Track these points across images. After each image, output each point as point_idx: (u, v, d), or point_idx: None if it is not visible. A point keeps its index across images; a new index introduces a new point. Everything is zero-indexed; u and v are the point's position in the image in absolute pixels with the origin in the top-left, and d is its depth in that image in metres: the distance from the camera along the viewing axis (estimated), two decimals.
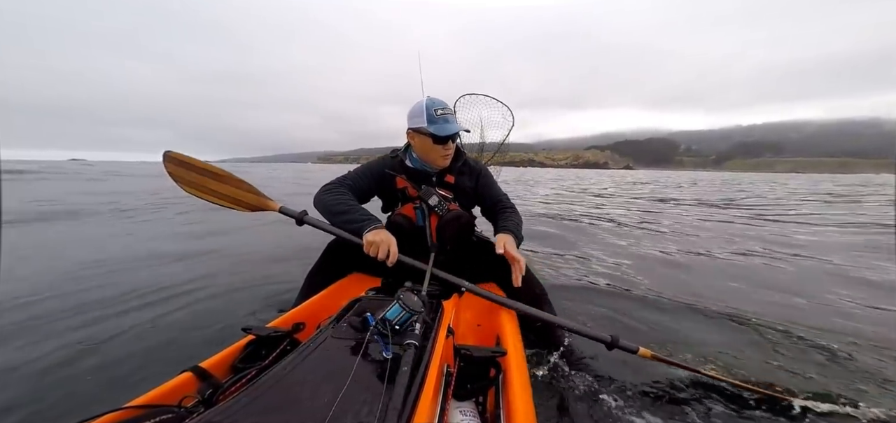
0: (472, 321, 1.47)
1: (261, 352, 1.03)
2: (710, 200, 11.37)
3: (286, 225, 1.88)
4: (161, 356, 1.61)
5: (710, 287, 2.84)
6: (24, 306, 2.07)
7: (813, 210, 8.53)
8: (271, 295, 2.28)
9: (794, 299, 2.60)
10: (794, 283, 3.01)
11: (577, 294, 2.58)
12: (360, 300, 1.16)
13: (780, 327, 2.07)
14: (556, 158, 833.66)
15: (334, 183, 1.60)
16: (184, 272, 2.76)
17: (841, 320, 2.23)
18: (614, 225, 6.00)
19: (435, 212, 1.59)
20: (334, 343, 0.91)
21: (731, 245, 4.47)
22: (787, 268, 3.50)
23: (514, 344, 1.16)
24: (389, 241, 1.35)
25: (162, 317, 1.97)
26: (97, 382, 1.42)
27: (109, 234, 4.29)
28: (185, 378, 0.87)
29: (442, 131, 1.52)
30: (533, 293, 1.57)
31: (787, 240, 4.88)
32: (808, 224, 6.36)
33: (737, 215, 7.55)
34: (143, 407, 0.73)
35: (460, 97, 2.76)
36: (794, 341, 1.92)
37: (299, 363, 0.81)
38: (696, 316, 2.25)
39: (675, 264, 3.58)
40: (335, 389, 0.71)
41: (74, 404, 1.29)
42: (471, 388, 0.99)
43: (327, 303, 1.45)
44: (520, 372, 1.01)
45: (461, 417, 0.89)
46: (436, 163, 1.62)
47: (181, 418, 0.71)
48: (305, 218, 1.56)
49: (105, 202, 7.23)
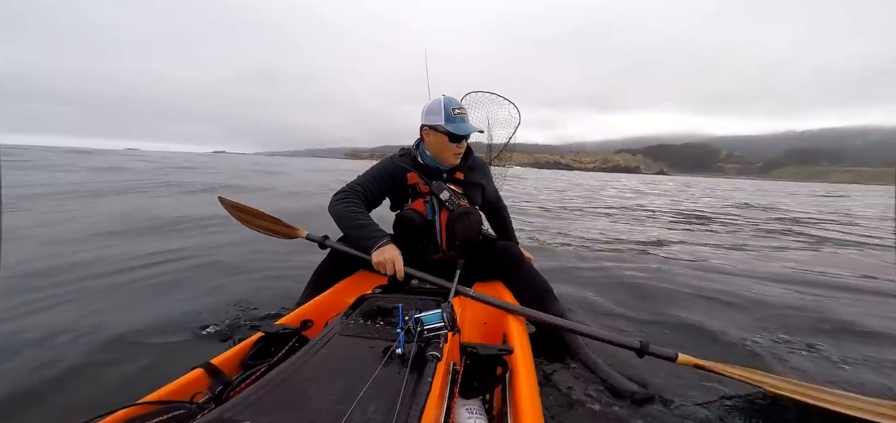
0: (479, 319, 1.47)
1: (270, 349, 1.05)
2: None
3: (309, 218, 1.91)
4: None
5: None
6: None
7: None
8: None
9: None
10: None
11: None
12: (367, 298, 1.17)
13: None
14: (583, 161, 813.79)
15: (346, 191, 1.62)
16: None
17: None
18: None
19: (445, 207, 1.61)
20: (342, 341, 0.92)
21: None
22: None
23: (520, 342, 1.16)
24: (395, 257, 1.40)
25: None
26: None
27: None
28: (197, 375, 0.88)
29: (459, 130, 1.56)
30: (537, 290, 1.57)
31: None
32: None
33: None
34: (157, 403, 0.75)
35: (466, 94, 2.75)
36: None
37: (308, 360, 0.82)
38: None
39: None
40: (343, 386, 0.72)
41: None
42: (477, 386, 1.00)
43: (334, 300, 1.46)
44: (527, 370, 1.01)
45: (467, 414, 0.89)
46: (448, 160, 1.65)
47: (193, 414, 0.73)
48: (326, 242, 1.69)
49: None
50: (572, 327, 1.41)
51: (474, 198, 1.74)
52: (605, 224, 6.34)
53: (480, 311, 1.48)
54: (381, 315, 1.07)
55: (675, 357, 1.23)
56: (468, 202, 1.69)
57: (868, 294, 2.77)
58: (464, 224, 1.60)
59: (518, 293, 1.57)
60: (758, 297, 2.55)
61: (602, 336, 1.36)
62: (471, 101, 2.76)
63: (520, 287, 1.59)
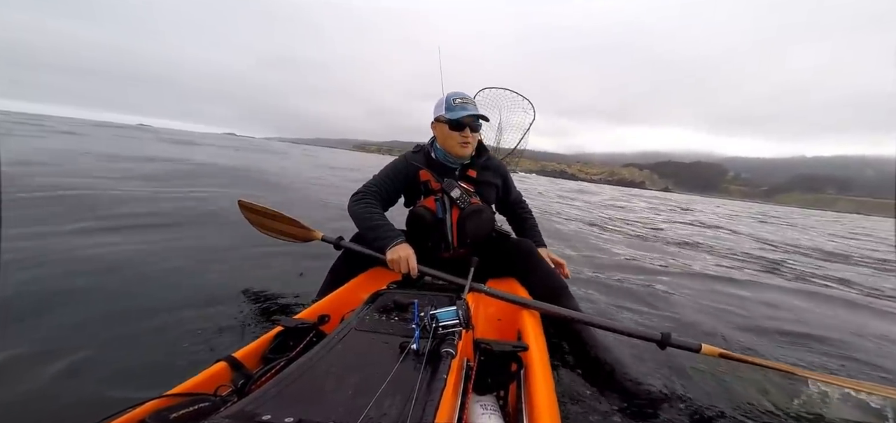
0: (493, 316, 1.47)
1: (289, 343, 1.08)
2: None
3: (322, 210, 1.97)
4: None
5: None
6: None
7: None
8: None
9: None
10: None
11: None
12: (382, 294, 1.19)
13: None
14: (589, 172, 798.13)
15: (363, 192, 1.66)
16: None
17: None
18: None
19: (456, 205, 1.61)
20: (358, 336, 0.94)
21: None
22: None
23: (536, 340, 1.15)
24: (409, 255, 1.44)
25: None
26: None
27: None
28: (220, 368, 0.91)
29: (455, 116, 1.59)
30: (552, 288, 1.55)
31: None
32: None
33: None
34: (183, 395, 0.78)
35: (480, 90, 2.74)
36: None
37: (325, 354, 0.84)
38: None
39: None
40: (360, 380, 0.74)
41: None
42: (491, 382, 1.00)
43: (350, 296, 1.49)
44: (542, 367, 1.00)
45: (481, 411, 0.90)
46: (454, 150, 1.65)
47: (217, 406, 0.75)
48: (341, 243, 1.73)
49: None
50: (590, 321, 1.39)
51: (487, 197, 1.73)
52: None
53: (495, 308, 1.48)
54: (396, 311, 1.09)
55: (699, 348, 1.22)
56: (481, 201, 1.68)
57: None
58: (475, 223, 1.60)
59: (533, 291, 1.56)
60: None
61: (621, 328, 1.35)
62: (485, 100, 2.75)
63: (534, 284, 1.57)
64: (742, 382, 1.48)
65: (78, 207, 3.36)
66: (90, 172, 5.66)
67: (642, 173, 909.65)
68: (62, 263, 2.13)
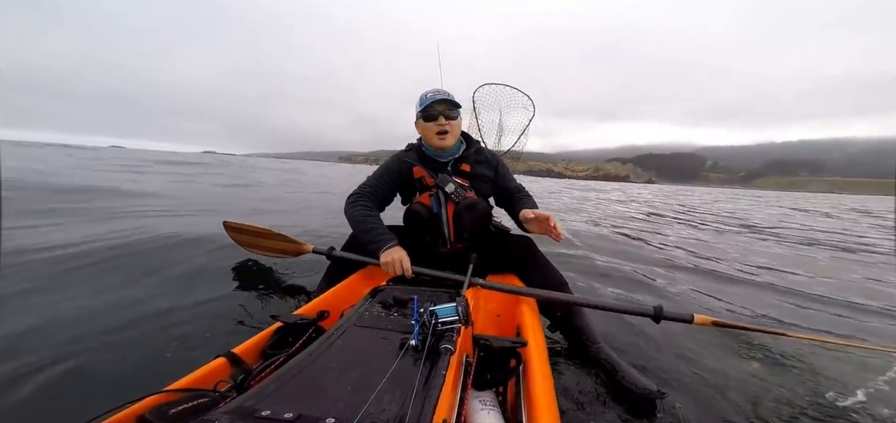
0: (492, 312, 1.47)
1: (288, 339, 1.08)
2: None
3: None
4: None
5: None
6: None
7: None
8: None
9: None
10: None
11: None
12: (382, 290, 1.19)
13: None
14: (575, 170, 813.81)
15: (358, 194, 1.66)
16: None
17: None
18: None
19: (451, 199, 1.61)
20: (358, 331, 0.94)
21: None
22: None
23: (534, 335, 1.16)
24: (401, 257, 1.45)
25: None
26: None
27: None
28: (220, 364, 0.91)
29: (424, 103, 1.62)
30: (554, 282, 1.56)
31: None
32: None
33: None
34: (182, 391, 0.78)
35: (479, 87, 2.73)
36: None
37: (324, 350, 0.84)
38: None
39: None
40: (359, 376, 0.74)
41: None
42: (491, 378, 1.00)
43: (349, 292, 1.49)
44: (541, 363, 1.01)
45: (480, 406, 0.90)
46: (432, 142, 1.66)
47: (216, 402, 0.75)
48: (333, 252, 1.74)
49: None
50: (585, 301, 1.43)
51: (482, 190, 1.72)
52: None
53: (494, 303, 1.48)
54: (395, 307, 1.09)
55: (692, 319, 1.25)
56: (475, 194, 1.67)
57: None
58: (471, 216, 1.60)
59: (533, 285, 1.57)
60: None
61: (615, 306, 1.39)
62: (484, 97, 2.74)
63: (534, 279, 1.58)
64: (746, 384, 1.49)
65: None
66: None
67: (626, 167, 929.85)
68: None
